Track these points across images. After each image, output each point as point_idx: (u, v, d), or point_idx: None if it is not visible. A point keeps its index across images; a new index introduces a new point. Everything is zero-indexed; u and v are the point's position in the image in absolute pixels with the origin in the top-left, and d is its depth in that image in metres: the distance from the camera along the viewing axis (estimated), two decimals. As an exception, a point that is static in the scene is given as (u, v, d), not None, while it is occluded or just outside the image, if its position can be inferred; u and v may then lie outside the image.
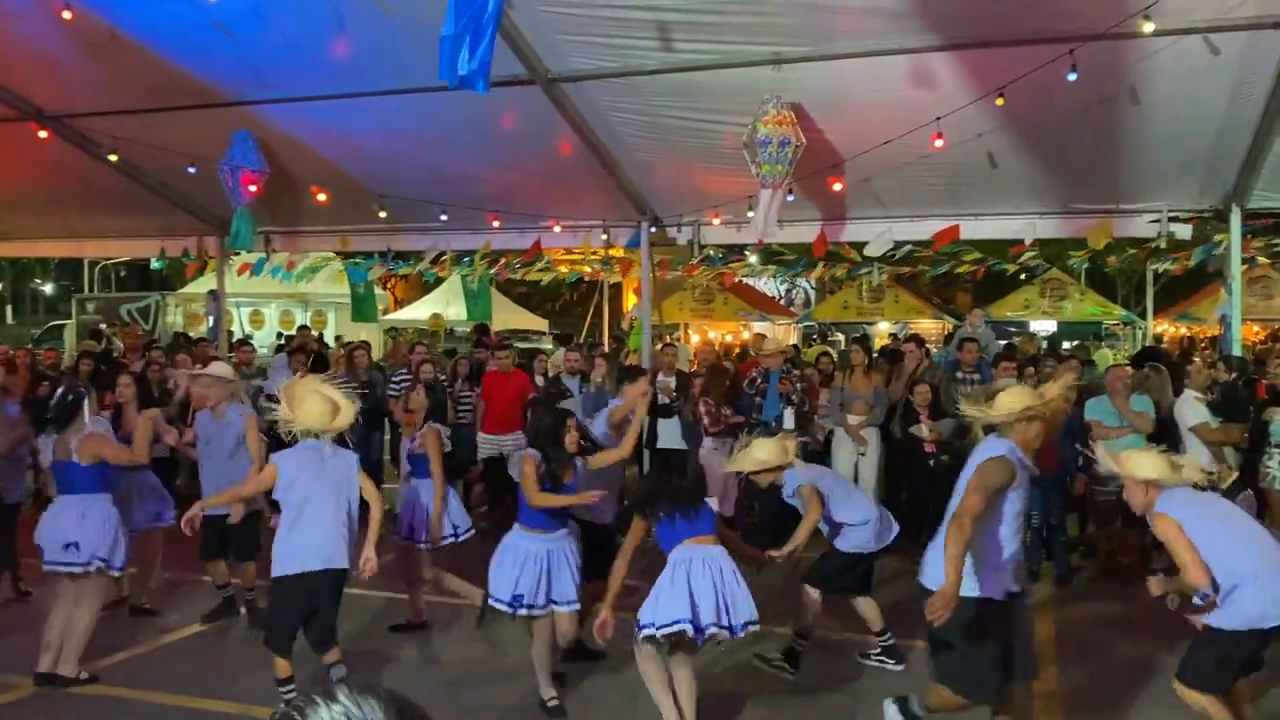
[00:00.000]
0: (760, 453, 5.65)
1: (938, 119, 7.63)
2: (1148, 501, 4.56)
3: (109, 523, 5.74)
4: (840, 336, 23.65)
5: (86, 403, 5.83)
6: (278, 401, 5.39)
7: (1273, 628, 4.30)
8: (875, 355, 10.58)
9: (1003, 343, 11.78)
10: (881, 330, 21.39)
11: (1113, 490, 7.90)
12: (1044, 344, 16.17)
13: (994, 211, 9.65)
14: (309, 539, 5.11)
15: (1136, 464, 4.66)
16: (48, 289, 43.30)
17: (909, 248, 12.55)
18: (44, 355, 12.58)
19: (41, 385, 8.64)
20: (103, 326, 18.45)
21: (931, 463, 8.63)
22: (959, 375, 9.38)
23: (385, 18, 7.40)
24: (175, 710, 5.40)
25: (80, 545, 5.62)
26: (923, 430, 8.66)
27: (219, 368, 7.03)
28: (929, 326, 20.91)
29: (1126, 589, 7.32)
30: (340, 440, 5.38)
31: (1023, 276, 17.96)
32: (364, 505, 5.34)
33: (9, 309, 41.79)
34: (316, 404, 5.21)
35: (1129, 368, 8.62)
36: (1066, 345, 17.67)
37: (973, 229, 9.93)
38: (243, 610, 6.91)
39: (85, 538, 5.63)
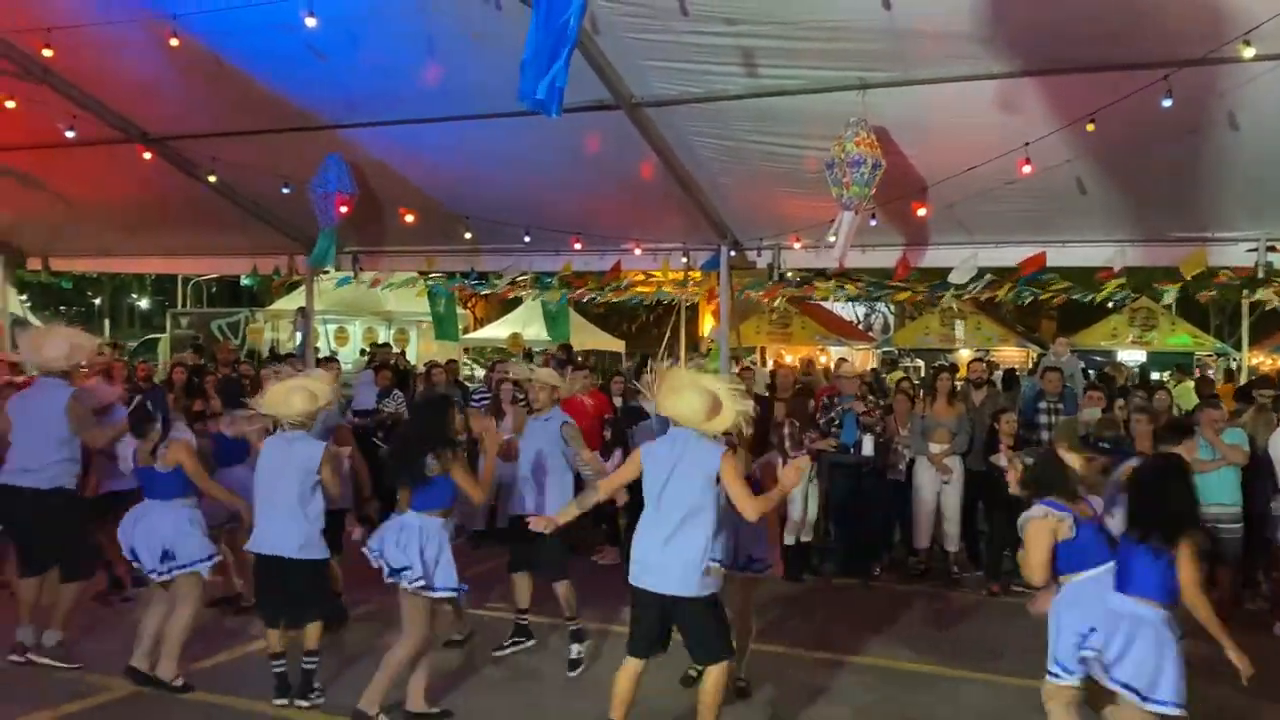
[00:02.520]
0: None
1: (1025, 144, 7.53)
2: None
3: (193, 525, 5.92)
4: (920, 363, 23.30)
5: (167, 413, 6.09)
6: (363, 415, 5.56)
7: None
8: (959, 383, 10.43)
9: (1090, 372, 11.52)
10: (962, 357, 21.02)
11: (1207, 526, 7.70)
12: (1136, 374, 15.74)
13: (1082, 239, 9.45)
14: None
15: None
16: (143, 303, 44.84)
17: (989, 277, 12.35)
18: (138, 368, 13.03)
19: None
20: (198, 341, 19.07)
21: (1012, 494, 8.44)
22: (1042, 405, 9.19)
23: (473, 43, 7.58)
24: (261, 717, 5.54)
25: (171, 552, 5.80)
26: (1003, 460, 8.48)
27: (317, 375, 7.29)
28: (1012, 354, 20.50)
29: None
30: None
31: (1110, 305, 17.52)
32: None
33: (107, 322, 43.38)
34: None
35: (1222, 409, 8.33)
36: (1156, 375, 17.18)
37: (1059, 256, 9.73)
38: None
39: (176, 544, 5.81)
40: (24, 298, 23.60)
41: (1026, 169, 7.66)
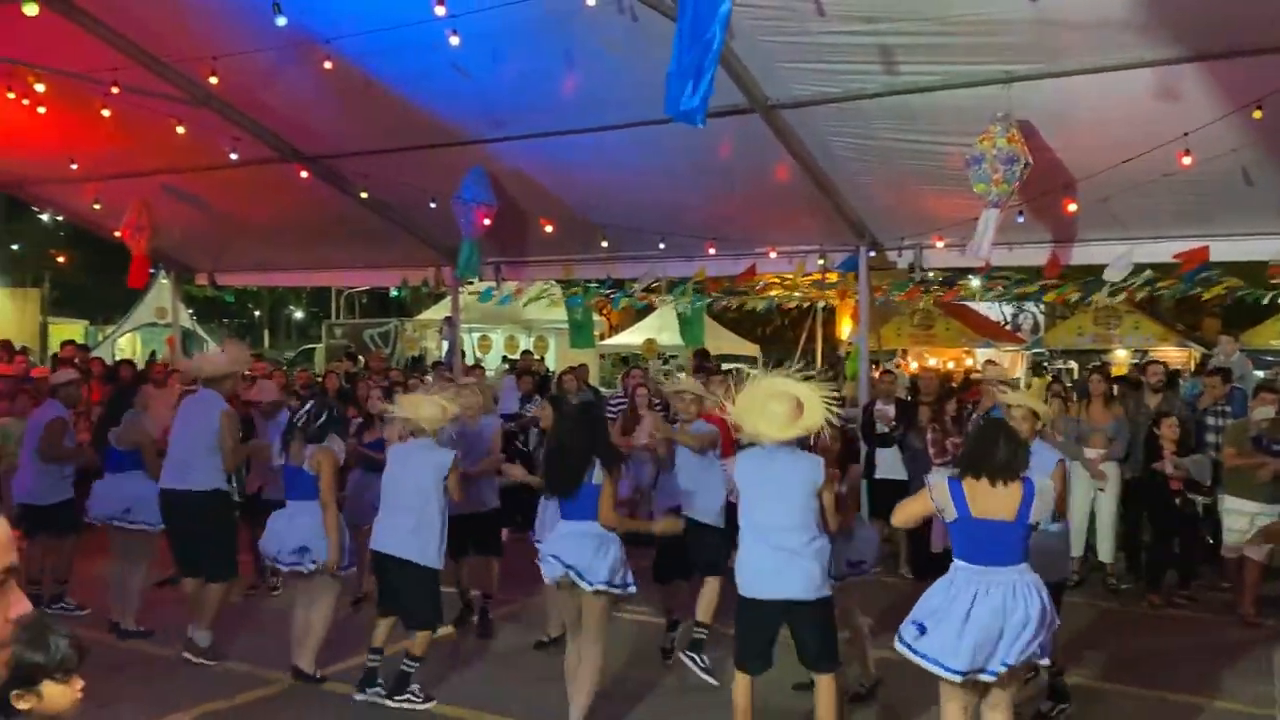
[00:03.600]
0: None
1: (1185, 134, 7.15)
2: None
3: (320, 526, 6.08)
4: (1073, 364, 22.34)
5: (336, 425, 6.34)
6: (507, 419, 5.66)
7: None
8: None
9: (1260, 374, 10.85)
10: (1120, 358, 20.08)
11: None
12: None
13: (1248, 231, 8.89)
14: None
15: None
16: (299, 315, 47.07)
17: (1148, 273, 11.78)
18: (297, 376, 13.68)
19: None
20: (351, 350, 19.90)
21: (1178, 501, 8.05)
22: (1203, 409, 8.72)
23: (608, 55, 7.69)
24: (422, 714, 5.72)
25: (309, 548, 6.04)
26: (1167, 466, 8.09)
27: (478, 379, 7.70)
28: (1173, 354, 19.44)
29: None
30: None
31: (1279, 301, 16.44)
32: None
33: (266, 333, 45.71)
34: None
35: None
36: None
37: (1224, 250, 9.18)
38: (474, 618, 7.28)
39: (313, 542, 6.03)
40: (190, 311, 25.13)
41: (1186, 160, 7.28)
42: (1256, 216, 8.62)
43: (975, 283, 18.98)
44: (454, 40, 7.38)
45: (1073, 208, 8.47)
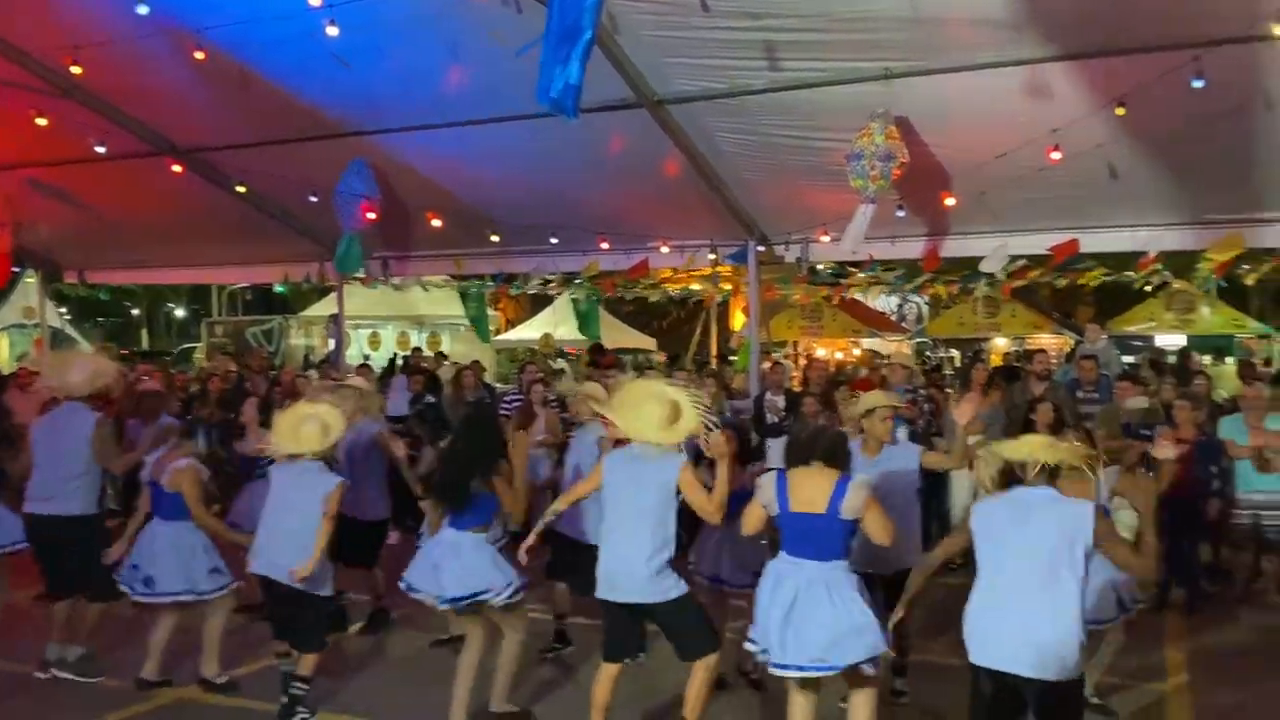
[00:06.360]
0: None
1: (1054, 130, 7.43)
2: None
3: (206, 552, 5.93)
4: (954, 353, 23.07)
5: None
6: (396, 421, 5.49)
7: None
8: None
9: (1128, 359, 11.34)
10: (999, 346, 20.80)
11: (1249, 513, 7.56)
12: (1170, 359, 15.48)
13: (1115, 224, 9.31)
14: None
15: None
16: (179, 313, 45.43)
17: (1022, 261, 12.20)
18: (175, 377, 13.19)
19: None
20: (230, 349, 19.30)
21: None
22: (1079, 394, 9.06)
23: (495, 47, 7.59)
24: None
25: (189, 587, 5.86)
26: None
27: (358, 381, 7.48)
28: (1049, 342, 20.23)
29: (1261, 615, 6.99)
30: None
31: (1147, 289, 17.24)
32: None
33: (145, 332, 44.00)
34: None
35: (1261, 387, 8.19)
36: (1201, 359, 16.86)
37: (1093, 242, 9.60)
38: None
39: (188, 572, 5.85)
40: (63, 310, 24.02)
41: (1056, 155, 7.56)
42: (1122, 209, 9.03)
43: (862, 275, 19.45)
44: (332, 31, 7.18)
45: (950, 202, 8.73)
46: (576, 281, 15.74)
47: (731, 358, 17.88)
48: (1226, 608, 7.65)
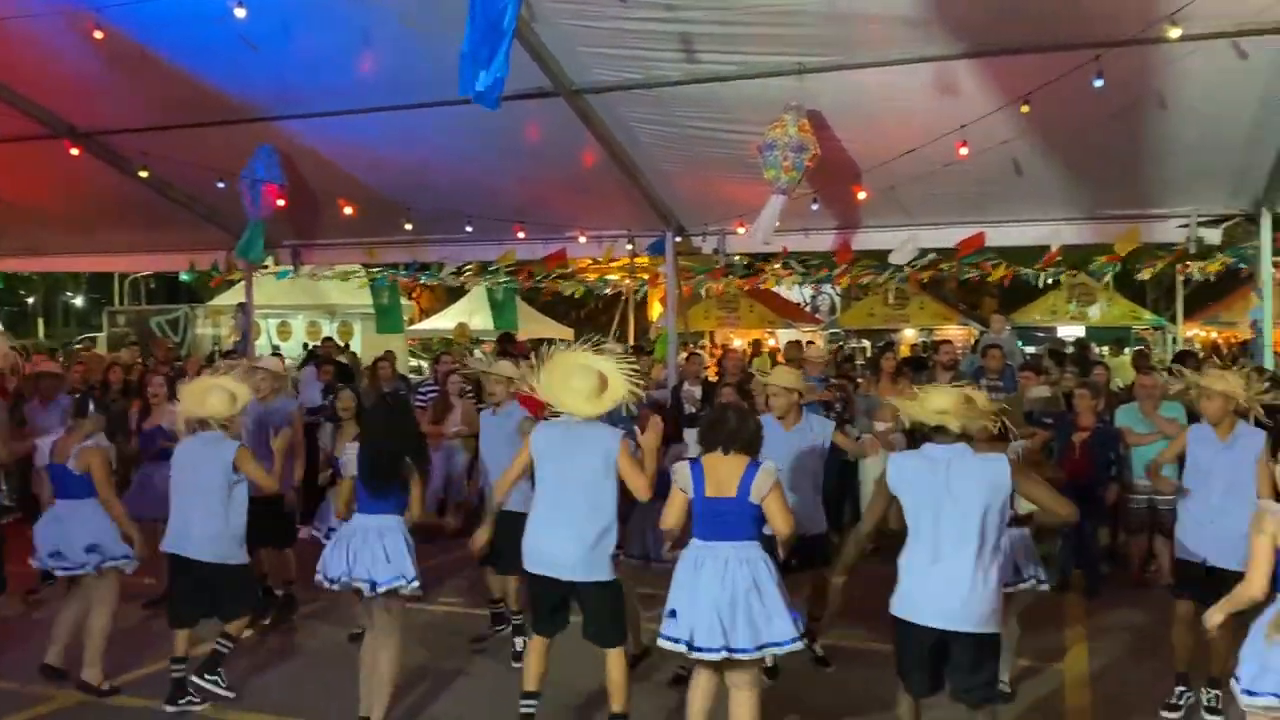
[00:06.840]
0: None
1: (962, 127, 7.61)
2: None
3: (113, 526, 5.78)
4: (865, 343, 23.53)
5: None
6: (312, 412, 5.39)
7: None
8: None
9: (1030, 350, 11.71)
10: (908, 337, 21.27)
11: (1144, 499, 7.88)
12: (1069, 349, 16.02)
13: (1019, 218, 9.59)
14: None
15: None
16: (79, 302, 43.82)
17: (931, 255, 12.51)
18: (73, 369, 12.71)
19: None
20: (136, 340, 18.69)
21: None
22: (983, 383, 9.31)
23: (408, 33, 7.48)
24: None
25: (99, 545, 5.69)
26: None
27: (271, 362, 7.51)
28: (955, 333, 20.79)
29: (1154, 597, 7.28)
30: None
31: (1050, 282, 17.82)
32: None
33: (41, 322, 42.32)
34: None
35: (1156, 376, 8.53)
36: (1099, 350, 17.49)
37: (998, 236, 9.88)
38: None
39: (103, 538, 5.70)
40: (-47, 298, 22.97)
41: (963, 151, 7.75)
42: (1026, 204, 9.31)
43: (777, 267, 19.69)
44: (240, 13, 6.99)
45: (862, 195, 8.88)
46: (491, 270, 15.61)
47: (649, 349, 17.93)
48: (1122, 590, 7.95)
